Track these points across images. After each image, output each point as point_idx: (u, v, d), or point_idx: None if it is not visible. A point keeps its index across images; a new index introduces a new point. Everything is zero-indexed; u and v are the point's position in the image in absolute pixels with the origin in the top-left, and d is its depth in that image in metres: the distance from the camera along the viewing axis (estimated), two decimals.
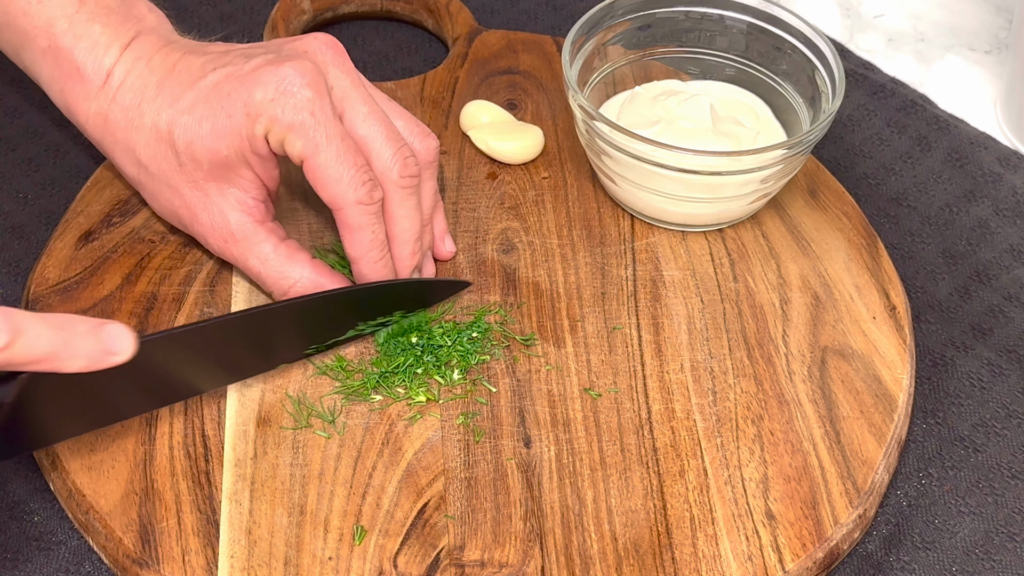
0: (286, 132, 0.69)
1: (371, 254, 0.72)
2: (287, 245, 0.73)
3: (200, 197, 0.72)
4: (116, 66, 0.73)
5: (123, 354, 0.62)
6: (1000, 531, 0.71)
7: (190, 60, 0.72)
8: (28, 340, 0.58)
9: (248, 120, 0.69)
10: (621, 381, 0.73)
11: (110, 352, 0.61)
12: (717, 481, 0.69)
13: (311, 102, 0.69)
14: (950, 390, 0.77)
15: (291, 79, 0.69)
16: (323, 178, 0.70)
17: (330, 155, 0.69)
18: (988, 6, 1.02)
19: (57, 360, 0.60)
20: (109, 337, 0.61)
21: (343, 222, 0.71)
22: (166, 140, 0.71)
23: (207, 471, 0.68)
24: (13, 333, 0.58)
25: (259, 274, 0.73)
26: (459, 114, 0.86)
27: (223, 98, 0.70)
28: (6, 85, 0.89)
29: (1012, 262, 0.83)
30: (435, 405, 0.72)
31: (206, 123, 0.70)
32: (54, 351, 0.59)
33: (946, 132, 0.90)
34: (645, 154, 0.76)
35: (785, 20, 0.83)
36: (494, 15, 0.98)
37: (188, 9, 0.95)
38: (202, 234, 0.74)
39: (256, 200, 0.73)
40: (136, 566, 0.66)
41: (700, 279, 0.78)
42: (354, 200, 0.70)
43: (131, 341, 0.62)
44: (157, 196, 0.74)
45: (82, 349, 0.60)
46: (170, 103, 0.71)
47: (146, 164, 0.73)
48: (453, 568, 0.66)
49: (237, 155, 0.70)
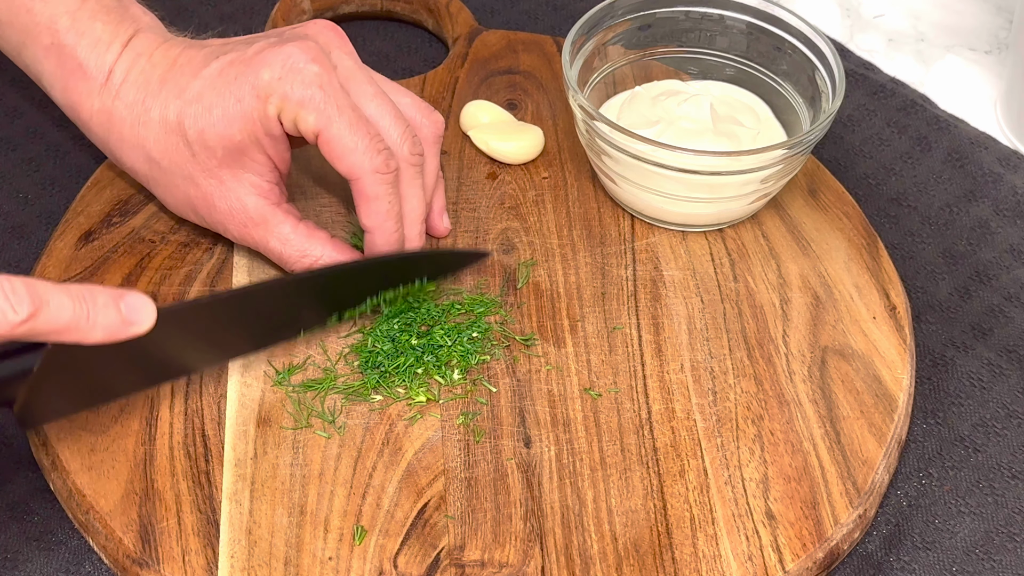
0: (298, 108, 0.69)
1: (387, 224, 0.72)
2: (305, 224, 0.74)
3: (215, 185, 0.73)
4: (117, 63, 0.73)
5: (143, 325, 0.62)
6: (1000, 531, 0.71)
7: (190, 53, 0.73)
8: (51, 311, 0.59)
9: (259, 101, 0.70)
10: (621, 381, 0.73)
11: (130, 323, 0.62)
12: (717, 481, 0.69)
13: (319, 76, 0.69)
14: (950, 390, 0.77)
15: (296, 56, 0.69)
16: (338, 149, 0.70)
17: (343, 126, 0.69)
18: (988, 6, 1.02)
19: (78, 331, 0.60)
20: (129, 308, 0.62)
21: (360, 192, 0.71)
22: (176, 131, 0.72)
23: (207, 471, 0.68)
24: (37, 304, 0.58)
25: (280, 254, 0.74)
26: (459, 114, 0.86)
27: (230, 83, 0.70)
28: (6, 85, 0.89)
29: (1012, 262, 0.83)
30: (435, 405, 0.72)
31: (216, 109, 0.70)
32: (76, 322, 0.60)
33: (946, 132, 0.90)
34: (645, 154, 0.76)
35: (785, 20, 0.83)
36: (494, 15, 0.98)
37: (188, 9, 0.95)
38: (220, 221, 0.74)
39: (271, 183, 0.73)
40: (136, 566, 0.66)
41: (700, 279, 0.78)
42: (371, 168, 0.70)
43: (151, 312, 0.62)
44: (171, 189, 0.74)
45: (102, 320, 0.61)
46: (176, 95, 0.71)
47: (157, 159, 0.73)
48: (453, 568, 0.66)
49: (250, 138, 0.71)
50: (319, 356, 0.73)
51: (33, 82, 0.77)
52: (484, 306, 0.76)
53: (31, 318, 0.58)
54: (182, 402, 0.71)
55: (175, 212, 0.76)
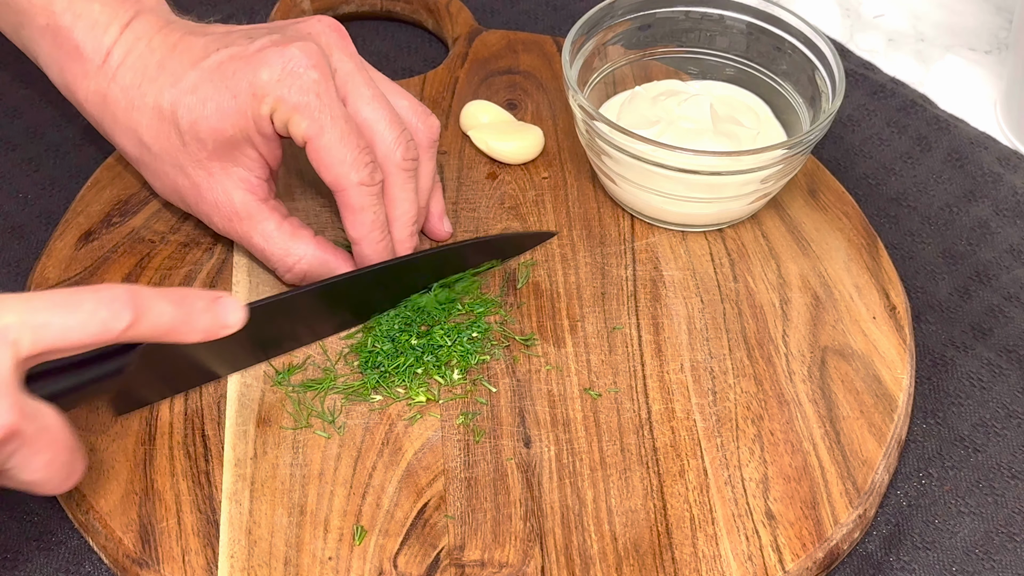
0: (292, 112, 0.69)
1: (372, 235, 0.73)
2: (290, 222, 0.74)
3: (204, 176, 0.73)
4: (115, 46, 0.73)
5: (235, 325, 0.64)
6: (1000, 531, 0.71)
7: (191, 40, 0.73)
8: (152, 317, 0.61)
9: (254, 100, 0.70)
10: (621, 381, 0.73)
11: (224, 325, 0.64)
12: (717, 481, 0.69)
13: (317, 83, 0.69)
14: (950, 390, 0.77)
15: (297, 60, 0.69)
16: (326, 159, 0.70)
17: (334, 137, 0.70)
18: (988, 6, 1.02)
19: (177, 334, 0.62)
20: (223, 310, 0.64)
21: (345, 203, 0.72)
22: (169, 120, 0.72)
23: (207, 471, 0.68)
24: (138, 311, 0.60)
25: (263, 251, 0.74)
26: (459, 114, 0.86)
27: (228, 78, 0.70)
28: (6, 85, 0.89)
29: (1012, 262, 0.83)
30: (435, 405, 0.72)
31: (211, 103, 0.70)
32: (175, 326, 0.62)
33: (946, 132, 0.90)
34: (645, 154, 0.76)
35: (785, 20, 0.83)
36: (494, 15, 0.98)
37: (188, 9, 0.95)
38: (206, 212, 0.74)
39: (259, 179, 0.73)
40: (136, 566, 0.66)
41: (700, 279, 0.78)
42: (356, 181, 0.71)
43: (242, 313, 0.65)
44: (160, 176, 0.75)
45: (200, 324, 0.63)
46: (172, 83, 0.71)
47: (148, 144, 0.73)
48: (453, 568, 0.66)
49: (242, 134, 0.71)
50: (319, 356, 0.73)
51: (33, 82, 0.77)
52: (484, 306, 0.76)
53: (133, 325, 0.60)
54: (182, 402, 0.71)
55: (163, 197, 0.77)
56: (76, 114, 0.86)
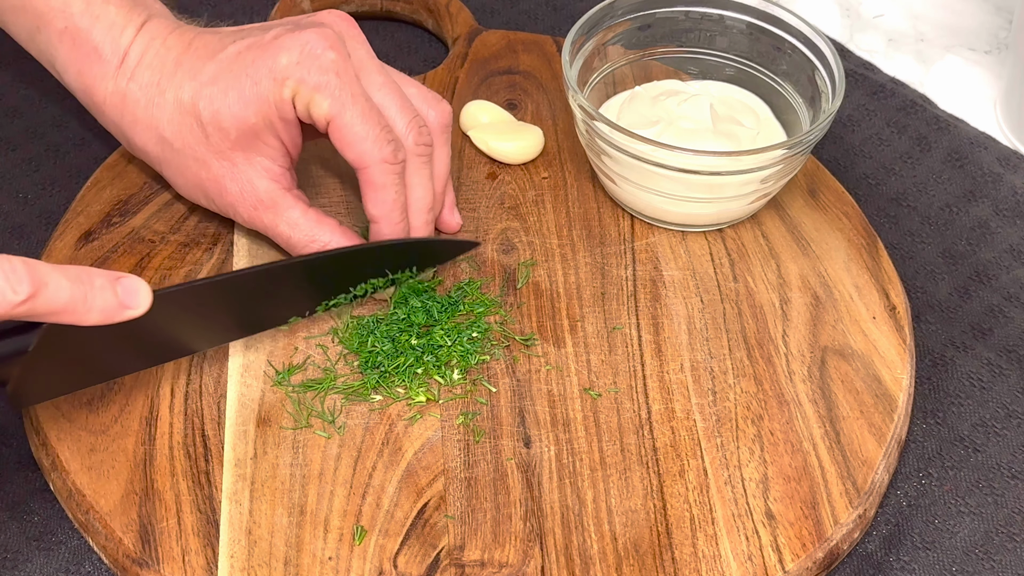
0: (313, 93, 0.70)
1: (393, 214, 0.73)
2: (315, 211, 0.75)
3: (228, 167, 0.73)
4: (132, 46, 0.74)
5: (139, 308, 0.63)
6: (1000, 531, 0.71)
7: (206, 37, 0.74)
8: (49, 292, 0.59)
9: (275, 85, 0.70)
10: (621, 381, 0.73)
11: (126, 306, 0.63)
12: (717, 481, 0.69)
13: (335, 63, 0.70)
14: (950, 390, 0.77)
15: (314, 43, 0.70)
16: (349, 137, 0.71)
17: (356, 114, 0.70)
18: (988, 6, 1.02)
19: (75, 312, 0.61)
20: (125, 291, 0.63)
21: (367, 180, 0.72)
22: (190, 113, 0.72)
23: (207, 471, 0.68)
24: (36, 285, 0.59)
25: (289, 239, 0.74)
26: (459, 114, 0.86)
27: (247, 66, 0.71)
28: (6, 85, 0.89)
29: (1012, 262, 0.83)
30: (435, 405, 0.72)
31: (232, 92, 0.71)
32: (73, 303, 0.60)
33: (946, 132, 0.90)
34: (645, 154, 0.76)
35: (785, 20, 0.83)
36: (494, 15, 0.98)
37: (188, 9, 0.95)
38: (231, 204, 0.74)
39: (282, 168, 0.74)
40: (136, 566, 0.66)
41: (700, 279, 0.78)
42: (379, 158, 0.71)
43: (147, 295, 0.63)
44: (183, 171, 0.75)
45: (99, 302, 0.61)
46: (191, 76, 0.72)
47: (170, 140, 0.74)
48: (453, 568, 0.66)
49: (264, 122, 0.71)
50: (319, 356, 0.73)
51: (32, 82, 0.77)
52: (484, 306, 0.76)
53: (30, 299, 0.58)
54: (182, 402, 0.71)
55: (184, 195, 0.77)
56: (76, 114, 0.86)
